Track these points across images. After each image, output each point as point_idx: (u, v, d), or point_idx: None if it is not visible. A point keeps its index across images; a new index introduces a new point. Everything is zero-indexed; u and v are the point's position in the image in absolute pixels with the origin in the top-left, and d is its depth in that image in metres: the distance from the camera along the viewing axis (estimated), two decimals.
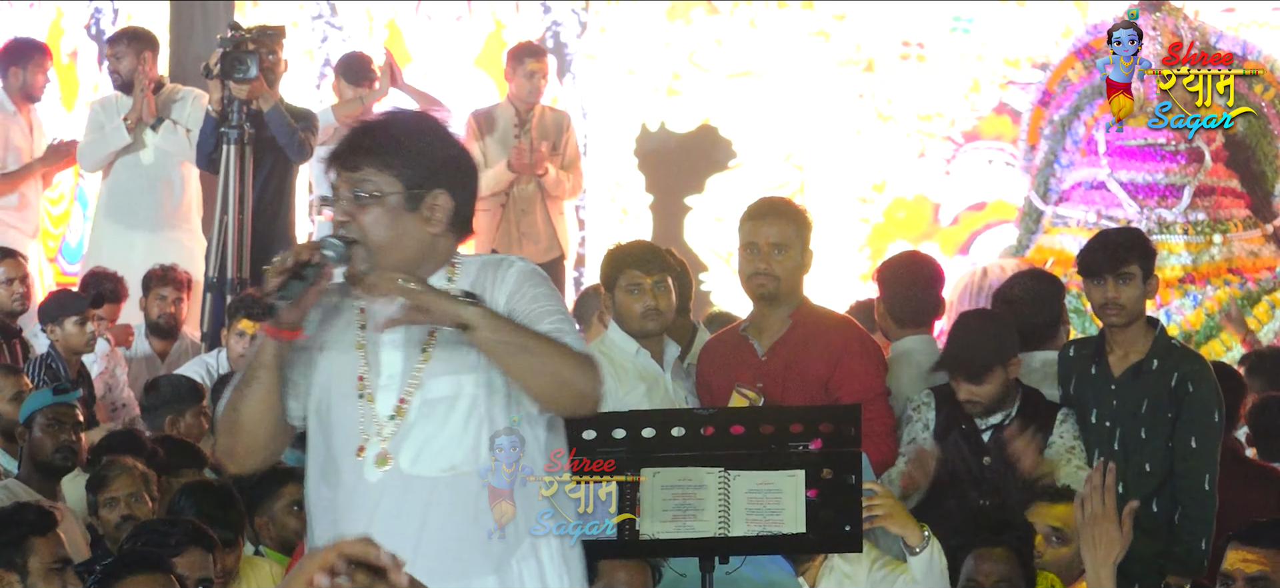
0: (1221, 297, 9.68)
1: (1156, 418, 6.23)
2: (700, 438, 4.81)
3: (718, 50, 11.22)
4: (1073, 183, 10.11)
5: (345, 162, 3.92)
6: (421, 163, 3.90)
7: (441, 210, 3.91)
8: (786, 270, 6.15)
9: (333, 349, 3.95)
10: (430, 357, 3.88)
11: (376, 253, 3.88)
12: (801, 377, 6.13)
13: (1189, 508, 6.17)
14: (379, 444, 3.86)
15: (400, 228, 3.89)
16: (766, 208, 6.41)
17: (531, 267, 4.02)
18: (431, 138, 3.95)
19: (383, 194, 3.88)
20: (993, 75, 10.82)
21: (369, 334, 3.93)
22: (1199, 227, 9.89)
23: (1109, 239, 6.54)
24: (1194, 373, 6.27)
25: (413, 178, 3.89)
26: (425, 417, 3.86)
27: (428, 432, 3.86)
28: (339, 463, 3.90)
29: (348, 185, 3.90)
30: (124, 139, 9.64)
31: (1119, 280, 6.30)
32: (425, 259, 3.92)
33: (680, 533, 4.80)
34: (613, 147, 11.24)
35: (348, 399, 3.91)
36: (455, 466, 3.85)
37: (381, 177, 3.88)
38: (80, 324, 8.38)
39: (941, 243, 10.60)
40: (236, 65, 8.76)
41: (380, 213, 3.88)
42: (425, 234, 3.91)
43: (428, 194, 3.90)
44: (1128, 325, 6.32)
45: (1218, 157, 9.97)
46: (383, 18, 11.68)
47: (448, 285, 3.92)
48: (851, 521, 4.93)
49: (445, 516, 3.83)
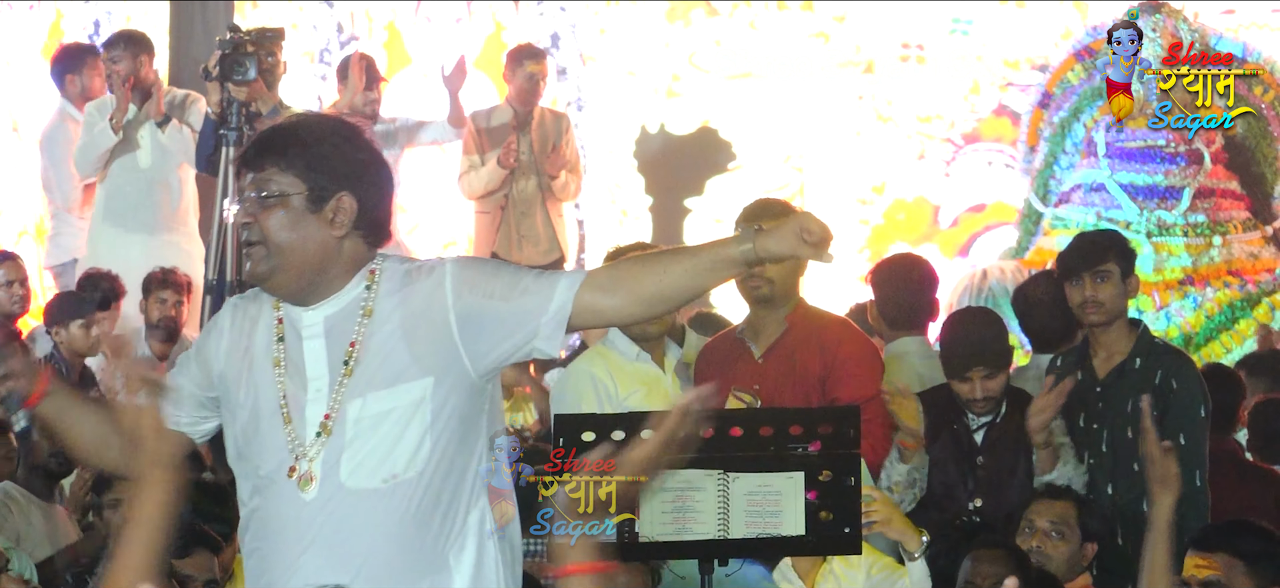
0: (1221, 298, 9.68)
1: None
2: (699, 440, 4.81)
3: (717, 52, 11.22)
4: (1072, 185, 10.11)
5: (251, 162, 3.90)
6: (326, 165, 3.86)
7: (345, 213, 3.86)
8: (780, 272, 6.11)
9: (256, 364, 3.92)
10: (353, 372, 3.84)
11: (278, 254, 3.85)
12: (798, 378, 6.12)
13: (1181, 506, 6.18)
14: (306, 464, 3.83)
15: (303, 230, 3.85)
16: (761, 209, 6.39)
17: (463, 259, 3.98)
18: (339, 141, 3.90)
19: (285, 194, 3.84)
20: (992, 77, 10.82)
21: (288, 347, 3.90)
22: (1199, 228, 9.88)
23: (1086, 239, 6.59)
24: (1178, 370, 6.29)
25: (316, 179, 3.85)
26: (362, 431, 3.82)
27: (366, 445, 3.82)
28: (273, 480, 3.86)
29: (252, 186, 3.87)
30: (111, 139, 9.60)
31: (1096, 279, 6.32)
32: (330, 262, 3.87)
33: (679, 535, 4.80)
34: (612, 148, 11.24)
35: (273, 420, 3.87)
36: (396, 475, 3.82)
37: (284, 177, 3.85)
38: (85, 327, 8.39)
39: (941, 245, 10.60)
40: (235, 67, 8.75)
41: (283, 214, 3.84)
42: (329, 237, 3.86)
43: (332, 196, 3.85)
44: (1108, 325, 6.34)
45: (1217, 158, 9.97)
46: (382, 19, 11.68)
47: (365, 294, 3.89)
48: (850, 522, 4.92)
49: (389, 525, 3.81)
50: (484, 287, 3.86)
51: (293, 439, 3.85)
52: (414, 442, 3.83)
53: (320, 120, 4.01)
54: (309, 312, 3.89)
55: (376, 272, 3.91)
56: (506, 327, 3.85)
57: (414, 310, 3.87)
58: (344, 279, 3.89)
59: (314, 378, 3.86)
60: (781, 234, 3.79)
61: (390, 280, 3.90)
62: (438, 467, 3.84)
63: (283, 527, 3.85)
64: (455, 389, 3.85)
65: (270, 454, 3.88)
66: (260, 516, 3.91)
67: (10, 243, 11.43)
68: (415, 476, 3.82)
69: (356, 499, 3.81)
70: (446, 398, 3.84)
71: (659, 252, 4.04)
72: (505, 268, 3.93)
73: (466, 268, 3.90)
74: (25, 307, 9.16)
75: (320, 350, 3.87)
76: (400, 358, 3.83)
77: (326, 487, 3.81)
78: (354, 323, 3.87)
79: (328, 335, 3.87)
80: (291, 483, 3.82)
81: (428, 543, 3.83)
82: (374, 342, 3.84)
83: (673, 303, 3.94)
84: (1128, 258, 6.41)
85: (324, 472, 3.82)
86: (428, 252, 10.57)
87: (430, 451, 3.83)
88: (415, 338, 3.85)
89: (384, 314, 3.87)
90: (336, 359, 3.85)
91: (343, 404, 3.83)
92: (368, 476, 3.82)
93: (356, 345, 3.85)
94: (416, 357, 3.84)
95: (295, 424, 3.85)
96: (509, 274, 3.90)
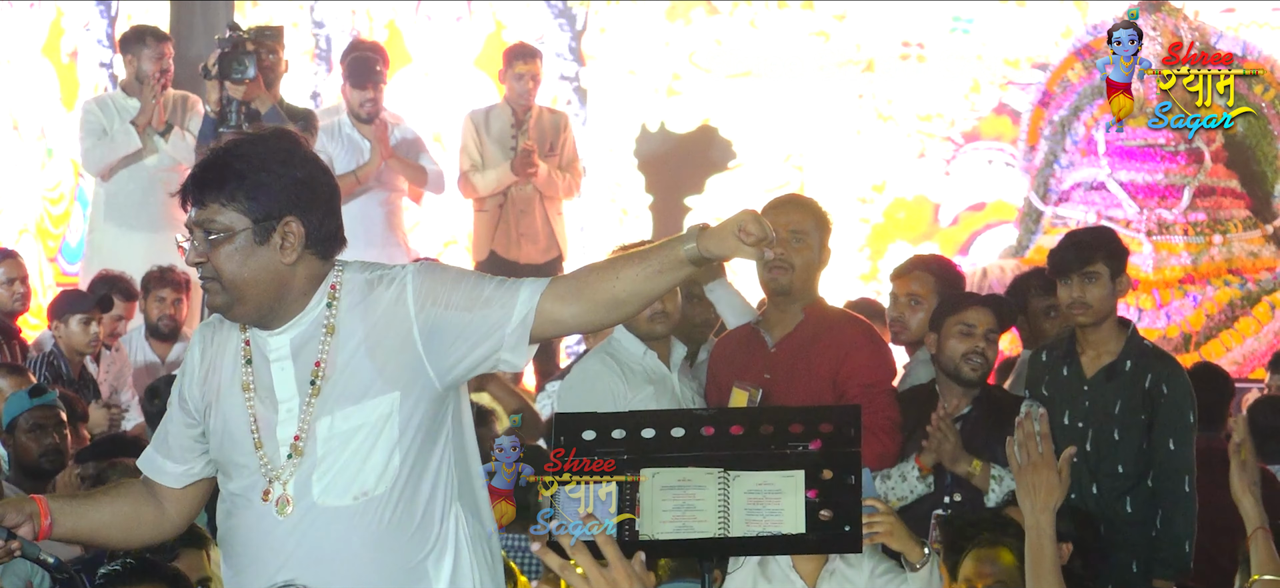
0: (1221, 297, 9.69)
1: (1130, 419, 6.25)
2: (700, 438, 4.80)
3: (718, 51, 11.22)
4: (1072, 183, 10.12)
5: (192, 197, 3.88)
6: (265, 194, 3.82)
7: (293, 237, 3.83)
8: (803, 260, 6.18)
9: (224, 390, 3.92)
10: (320, 390, 3.83)
11: (232, 288, 3.83)
12: (809, 369, 6.15)
13: (1170, 511, 6.19)
14: (281, 488, 3.83)
15: (255, 262, 3.83)
16: (787, 200, 6.49)
17: (424, 267, 3.94)
18: (274, 164, 3.85)
19: (232, 232, 3.82)
20: (992, 76, 10.82)
21: (256, 370, 3.89)
22: (1199, 227, 9.89)
23: (1075, 239, 6.58)
24: (1167, 375, 6.29)
25: (258, 210, 3.82)
26: (332, 449, 3.82)
27: (336, 462, 3.82)
28: (249, 501, 3.87)
29: (198, 224, 3.85)
30: (134, 144, 9.59)
31: (1085, 280, 6.32)
32: (286, 287, 3.85)
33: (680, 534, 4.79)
34: (613, 147, 11.24)
35: (243, 445, 3.87)
36: (366, 491, 3.82)
37: (227, 213, 3.83)
38: (85, 324, 8.40)
39: (941, 243, 10.60)
40: (234, 65, 8.74)
41: (231, 250, 3.82)
42: (280, 263, 3.84)
43: (277, 224, 3.83)
44: (1097, 325, 6.34)
45: (1218, 157, 9.98)
46: (382, 18, 11.68)
47: (327, 312, 3.87)
48: (851, 521, 4.92)
49: (361, 541, 3.81)
50: (445, 297, 3.84)
51: (264, 463, 3.85)
52: (383, 457, 3.82)
53: (254, 145, 3.91)
54: (274, 336, 3.88)
55: (337, 285, 3.89)
56: (470, 339, 3.83)
57: (376, 324, 3.85)
58: (304, 299, 3.87)
59: (284, 400, 3.85)
60: (721, 234, 3.80)
61: (351, 294, 3.88)
62: (408, 480, 3.84)
63: (258, 547, 3.86)
64: (422, 402, 3.85)
65: (242, 476, 3.88)
66: (236, 534, 3.91)
67: (11, 241, 11.44)
68: (386, 491, 3.82)
69: (330, 518, 3.81)
70: (413, 411, 3.84)
71: (615, 257, 4.04)
72: (466, 277, 3.90)
73: (427, 278, 3.87)
74: (25, 305, 9.17)
75: (289, 372, 3.86)
76: (366, 373, 3.83)
77: (300, 506, 3.81)
78: (318, 342, 3.85)
79: (295, 357, 3.86)
80: (268, 506, 3.83)
81: (404, 556, 3.83)
82: (339, 359, 3.84)
83: (629, 307, 3.91)
84: (1117, 258, 6.40)
85: (297, 492, 3.82)
86: (428, 250, 10.57)
87: (400, 465, 3.83)
88: (379, 352, 3.84)
89: (347, 330, 3.85)
90: (304, 379, 3.85)
91: (312, 423, 3.82)
92: (339, 494, 3.82)
93: (322, 364, 3.84)
94: (382, 371, 3.83)
95: (267, 447, 3.85)
96: (470, 284, 3.87)
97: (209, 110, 9.02)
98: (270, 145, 3.90)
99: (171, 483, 4.02)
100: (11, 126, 12.31)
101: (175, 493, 4.04)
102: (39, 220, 12.18)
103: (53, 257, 12.06)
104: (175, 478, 4.02)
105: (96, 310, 8.47)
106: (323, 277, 3.89)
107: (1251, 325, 9.67)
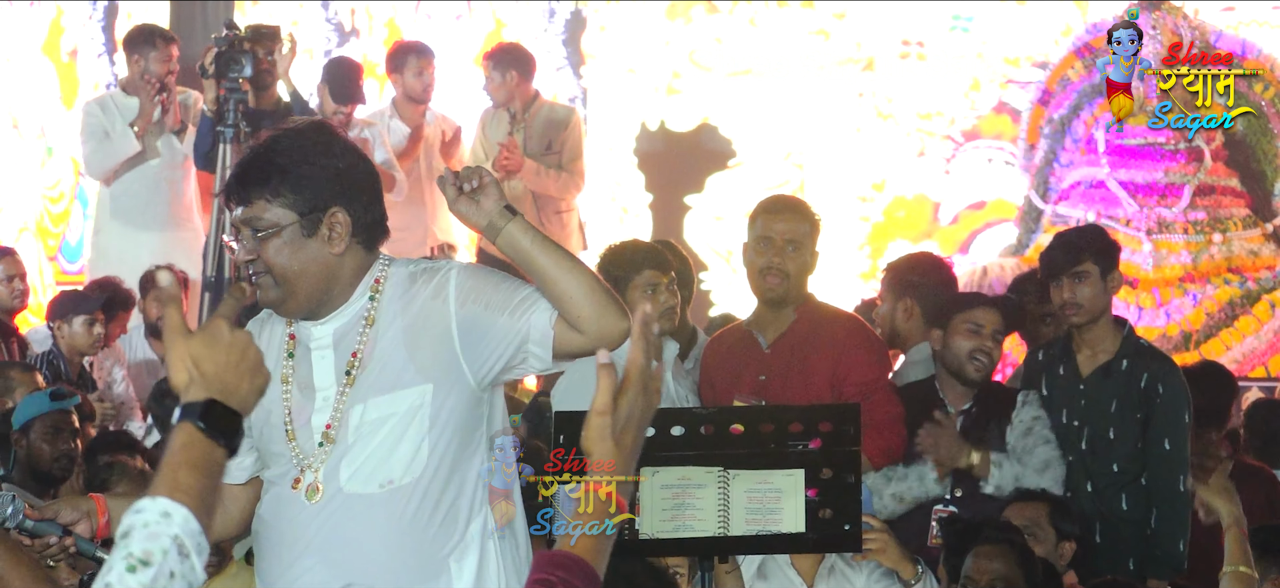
0: (1221, 296, 9.68)
1: (1125, 418, 6.26)
2: (699, 437, 4.81)
3: (717, 49, 11.21)
4: (1072, 182, 10.11)
5: (237, 195, 3.90)
6: (310, 186, 3.86)
7: (341, 228, 3.87)
8: (797, 268, 6.21)
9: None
10: (355, 380, 3.87)
11: (284, 282, 3.86)
12: (805, 370, 6.16)
13: (1165, 510, 6.20)
14: (312, 475, 3.86)
15: (305, 255, 3.86)
16: (783, 204, 6.47)
17: (467, 266, 3.98)
18: (316, 155, 3.89)
19: (279, 227, 3.85)
20: (992, 74, 10.81)
21: (297, 362, 3.93)
22: (1199, 226, 9.88)
23: (1063, 240, 6.59)
24: (1163, 374, 6.30)
25: (304, 203, 3.85)
26: (362, 437, 3.85)
27: (365, 450, 3.85)
28: (281, 489, 3.92)
29: (246, 221, 3.88)
30: (134, 147, 9.59)
31: (1074, 280, 6.33)
32: (335, 278, 3.89)
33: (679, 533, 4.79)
34: (612, 145, 11.23)
35: (278, 437, 3.92)
36: (392, 480, 3.84)
37: (274, 208, 3.86)
38: (88, 325, 8.40)
39: (941, 242, 10.59)
40: (231, 64, 8.74)
41: (280, 244, 3.86)
42: (329, 254, 3.87)
43: (324, 216, 3.86)
44: (1091, 324, 6.34)
45: (1217, 156, 9.97)
46: (382, 16, 11.67)
47: (369, 304, 3.90)
48: (851, 519, 4.92)
49: (385, 530, 3.83)
50: (486, 296, 3.87)
51: (296, 453, 3.89)
52: (411, 448, 3.84)
53: (294, 138, 3.94)
54: (319, 326, 3.92)
55: (381, 280, 3.93)
56: (504, 340, 3.86)
57: (416, 317, 3.88)
58: (349, 291, 3.91)
59: (321, 388, 3.89)
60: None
61: (394, 286, 3.92)
62: (436, 473, 3.85)
63: (283, 532, 3.90)
64: (454, 397, 3.86)
65: (277, 465, 3.93)
66: (265, 523, 3.96)
67: (11, 239, 11.44)
68: (412, 481, 3.84)
69: (355, 504, 3.84)
70: (444, 405, 3.85)
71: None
72: (508, 280, 3.94)
73: (471, 277, 3.91)
74: (24, 302, 9.17)
75: (329, 361, 3.90)
76: (401, 364, 3.85)
77: (327, 492, 3.85)
78: (358, 333, 3.89)
79: (336, 347, 3.90)
80: (298, 493, 3.86)
81: (425, 549, 3.84)
82: (377, 349, 3.87)
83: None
84: (1107, 256, 6.40)
85: (326, 478, 3.86)
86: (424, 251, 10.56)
87: (428, 457, 3.84)
88: (416, 345, 3.86)
89: (386, 321, 3.89)
90: (341, 369, 3.89)
91: (345, 412, 3.86)
92: (365, 481, 3.84)
93: (359, 354, 3.88)
94: (417, 363, 3.86)
95: (300, 439, 3.89)
96: (510, 287, 3.90)
97: (206, 109, 9.02)
98: (310, 137, 3.94)
99: (231, 479, 4.03)
100: (11, 125, 12.31)
101: (235, 491, 4.06)
102: (39, 219, 12.17)
103: (53, 255, 12.06)
104: (232, 473, 4.02)
105: (99, 312, 8.47)
106: (368, 268, 3.93)
107: (1251, 324, 9.66)
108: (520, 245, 3.84)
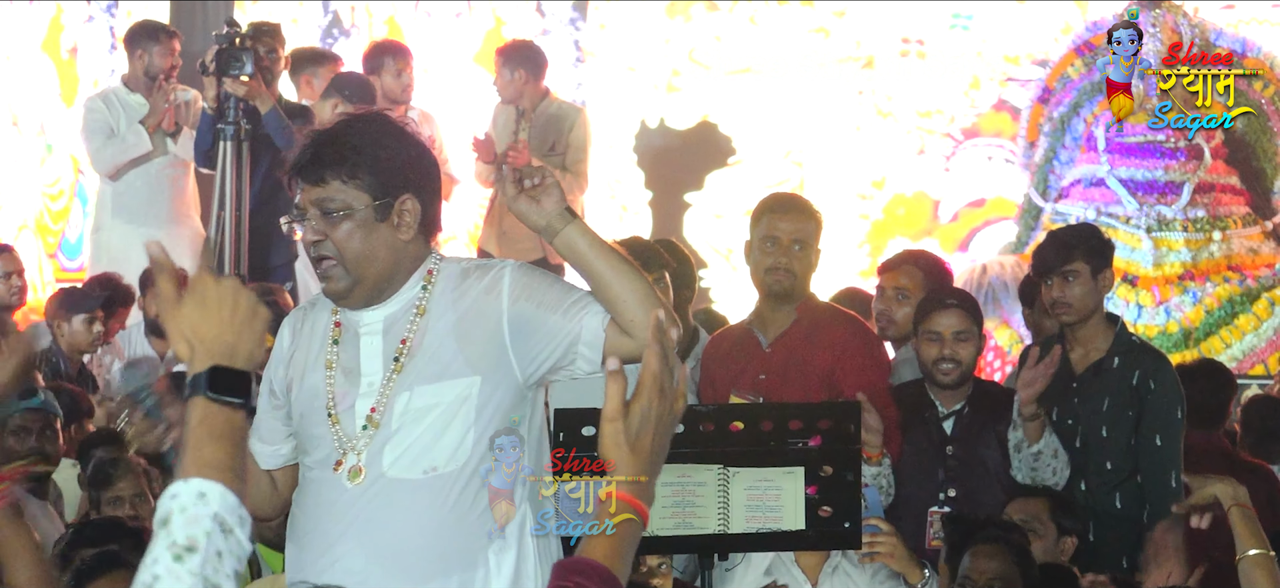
0: (1221, 293, 9.69)
1: (1118, 415, 6.27)
2: (699, 435, 4.81)
3: (717, 47, 11.21)
4: (1072, 180, 10.11)
5: (309, 175, 3.86)
6: (386, 170, 3.84)
7: (411, 215, 3.87)
8: (802, 267, 6.21)
9: (309, 369, 3.95)
10: (403, 367, 3.86)
11: (354, 268, 3.85)
12: (804, 369, 6.15)
13: (1157, 506, 6.20)
14: (355, 458, 3.86)
15: (374, 239, 3.85)
16: (788, 202, 6.47)
17: (521, 265, 3.99)
18: (392, 141, 3.88)
19: (352, 209, 3.84)
20: (992, 72, 10.81)
21: (342, 349, 3.92)
22: (1198, 224, 9.88)
23: (1054, 239, 6.60)
24: (1155, 370, 6.30)
25: (379, 187, 3.84)
26: (407, 423, 3.84)
27: (409, 436, 3.85)
28: (322, 472, 3.90)
29: (314, 202, 3.85)
30: (145, 146, 9.58)
31: (1065, 278, 6.34)
32: (399, 266, 3.89)
33: (680, 530, 4.80)
34: (612, 144, 11.23)
35: (320, 420, 3.91)
36: (435, 467, 3.84)
37: (348, 190, 3.83)
38: (87, 323, 8.40)
39: (941, 240, 10.60)
40: (231, 62, 8.73)
41: (351, 227, 3.84)
42: (398, 242, 3.87)
43: (396, 201, 3.85)
44: (1082, 323, 6.34)
45: (1217, 153, 9.97)
46: (382, 15, 11.67)
47: (421, 294, 3.91)
48: (851, 517, 4.93)
49: (424, 516, 3.82)
50: (539, 295, 3.88)
51: (339, 437, 3.88)
52: (457, 437, 3.84)
53: (368, 123, 3.94)
54: (369, 312, 3.91)
55: (434, 272, 3.93)
56: (555, 339, 3.86)
57: (467, 310, 3.89)
58: (404, 280, 3.91)
59: (367, 373, 3.89)
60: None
61: (446, 280, 3.92)
62: (479, 465, 3.85)
63: (322, 515, 3.88)
64: (501, 391, 3.87)
65: (318, 449, 3.92)
66: (304, 507, 3.95)
67: (10, 237, 11.44)
68: (455, 470, 3.84)
69: (397, 489, 3.83)
70: (490, 397, 3.86)
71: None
72: (560, 282, 3.97)
73: (526, 275, 3.93)
74: (21, 299, 9.16)
75: (377, 348, 3.89)
76: (450, 355, 3.86)
77: (370, 475, 3.84)
78: (408, 321, 3.89)
79: (385, 334, 3.90)
80: (339, 475, 3.86)
81: (463, 539, 3.84)
82: (427, 339, 3.87)
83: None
84: (1098, 255, 6.40)
85: (369, 462, 3.85)
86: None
87: (472, 447, 3.85)
88: (467, 337, 3.87)
89: (438, 312, 3.89)
90: (389, 356, 3.88)
91: (391, 398, 3.85)
92: (408, 466, 3.84)
93: (408, 342, 3.87)
94: (466, 355, 3.86)
95: (343, 423, 3.88)
96: (563, 287, 3.93)
97: (207, 107, 9.01)
98: (383, 124, 3.94)
99: (262, 464, 4.05)
100: (11, 123, 12.31)
101: (282, 474, 4.07)
102: (38, 216, 12.17)
103: (52, 253, 12.06)
104: (265, 458, 4.04)
105: (98, 310, 8.46)
106: (422, 260, 3.92)
107: (1251, 322, 9.66)
108: (578, 248, 3.85)
